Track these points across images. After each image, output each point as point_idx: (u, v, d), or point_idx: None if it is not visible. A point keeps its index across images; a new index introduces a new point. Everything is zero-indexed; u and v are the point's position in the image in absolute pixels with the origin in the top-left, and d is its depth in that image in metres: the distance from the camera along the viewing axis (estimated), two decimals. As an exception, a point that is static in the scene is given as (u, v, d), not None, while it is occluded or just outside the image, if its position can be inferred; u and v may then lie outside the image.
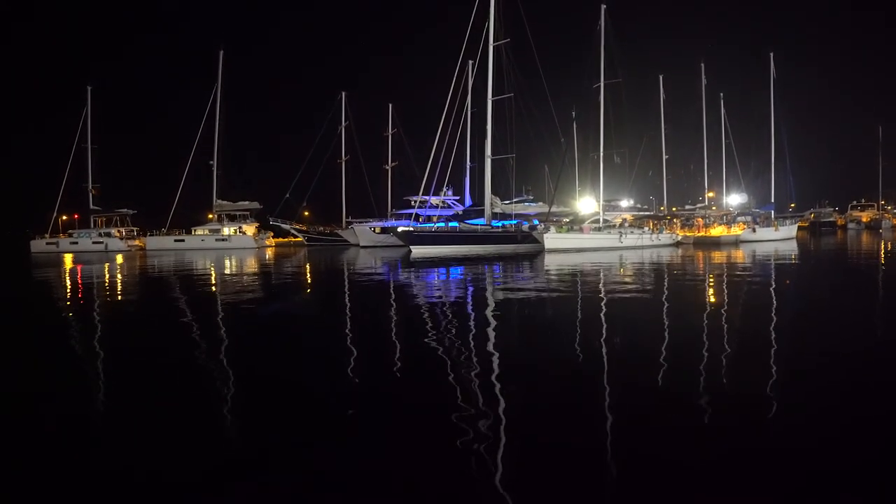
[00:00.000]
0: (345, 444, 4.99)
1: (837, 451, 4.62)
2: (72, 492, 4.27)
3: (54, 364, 8.48)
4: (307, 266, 31.81)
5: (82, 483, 4.39)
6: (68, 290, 20.15)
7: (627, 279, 20.25)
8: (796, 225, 57.57)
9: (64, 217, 64.70)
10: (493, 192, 47.95)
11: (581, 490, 4.11)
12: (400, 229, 45.65)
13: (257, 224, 65.52)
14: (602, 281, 19.68)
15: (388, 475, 4.38)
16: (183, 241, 61.48)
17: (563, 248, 39.12)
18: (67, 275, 27.53)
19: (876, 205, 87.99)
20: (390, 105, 68.90)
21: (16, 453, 4.98)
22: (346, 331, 10.97)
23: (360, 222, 62.26)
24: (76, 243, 60.51)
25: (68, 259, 42.97)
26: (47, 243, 60.52)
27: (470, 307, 13.96)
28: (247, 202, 64.54)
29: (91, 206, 64.28)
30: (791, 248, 37.64)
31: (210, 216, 64.63)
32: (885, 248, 35.95)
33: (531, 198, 53.46)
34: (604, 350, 8.52)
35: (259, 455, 4.79)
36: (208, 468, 4.59)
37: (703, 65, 56.08)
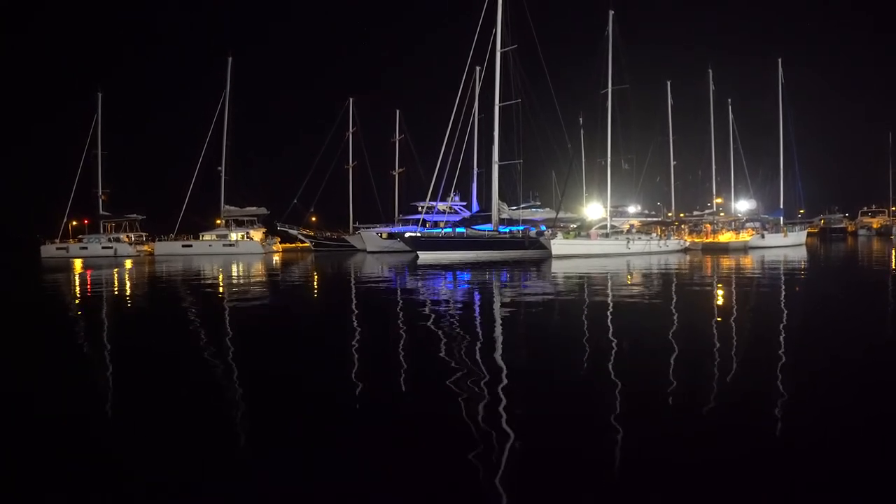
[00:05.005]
0: (348, 445, 4.99)
1: (844, 454, 4.58)
2: (77, 490, 4.29)
3: (73, 366, 8.53)
4: (315, 271, 31.87)
5: (85, 479, 4.41)
6: (81, 295, 20.27)
7: (635, 286, 20.16)
8: (805, 231, 57.16)
9: (74, 222, 65.25)
10: (500, 197, 47.87)
11: (589, 493, 4.08)
12: (407, 235, 45.67)
13: (265, 229, 65.76)
14: (609, 287, 19.60)
15: (390, 480, 4.36)
16: (191, 246, 61.81)
17: (570, 254, 39.00)
18: (78, 279, 27.70)
19: (886, 211, 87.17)
20: (398, 111, 69.12)
21: (29, 448, 5.01)
22: (355, 335, 10.96)
23: (367, 228, 62.36)
24: (86, 248, 60.96)
25: (78, 264, 43.26)
26: (57, 248, 61.02)
27: (477, 313, 13.93)
28: (254, 208, 64.81)
29: (101, 212, 64.79)
30: (800, 255, 37.38)
31: (218, 221, 64.95)
32: (896, 254, 35.65)
33: (538, 203, 53.25)
34: (612, 356, 8.47)
35: (259, 457, 4.78)
36: (209, 468, 4.59)
37: (710, 71, 55.96)
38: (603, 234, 44.12)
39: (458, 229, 47.34)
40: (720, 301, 15.47)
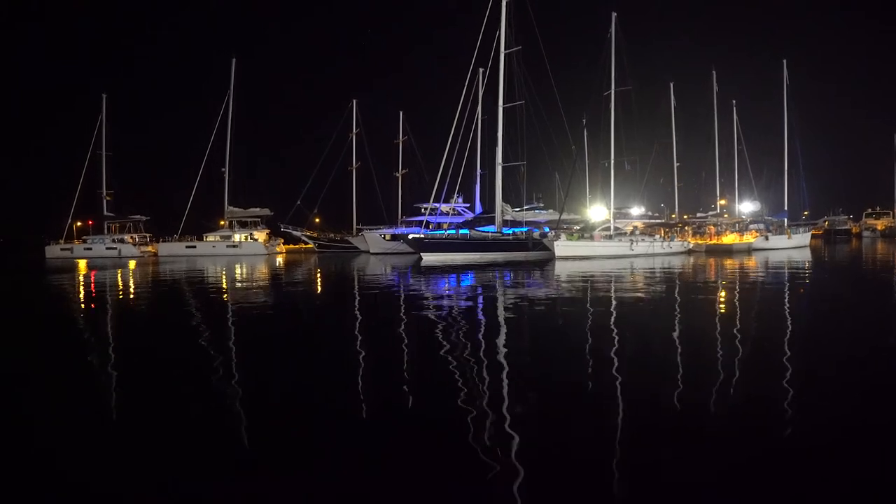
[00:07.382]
0: (352, 447, 5.01)
1: (848, 456, 4.58)
2: (81, 491, 4.31)
3: (75, 367, 8.57)
4: (318, 273, 31.91)
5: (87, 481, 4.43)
6: (86, 296, 20.33)
7: (639, 287, 20.14)
8: (810, 233, 57.00)
9: (78, 223, 65.40)
10: (504, 199, 47.84)
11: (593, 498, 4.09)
12: (411, 236, 45.67)
13: (268, 231, 65.84)
14: (613, 289, 19.59)
15: (392, 483, 4.38)
16: (194, 247, 61.93)
17: (573, 256, 38.98)
18: (83, 280, 27.78)
19: (891, 213, 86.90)
20: (401, 113, 69.11)
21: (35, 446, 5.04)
22: (358, 337, 10.98)
23: (370, 229, 62.36)
24: (90, 249, 61.13)
25: (83, 265, 43.37)
26: (62, 249, 61.17)
27: (482, 315, 13.94)
28: (258, 209, 64.88)
29: (105, 213, 64.94)
30: (804, 257, 37.29)
31: (221, 223, 65.01)
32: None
33: (542, 205, 53.19)
34: (615, 359, 8.47)
35: (259, 462, 4.81)
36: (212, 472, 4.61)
37: (714, 72, 55.89)
38: (606, 236, 44.08)
39: (461, 231, 47.31)
40: (724, 303, 15.45)
